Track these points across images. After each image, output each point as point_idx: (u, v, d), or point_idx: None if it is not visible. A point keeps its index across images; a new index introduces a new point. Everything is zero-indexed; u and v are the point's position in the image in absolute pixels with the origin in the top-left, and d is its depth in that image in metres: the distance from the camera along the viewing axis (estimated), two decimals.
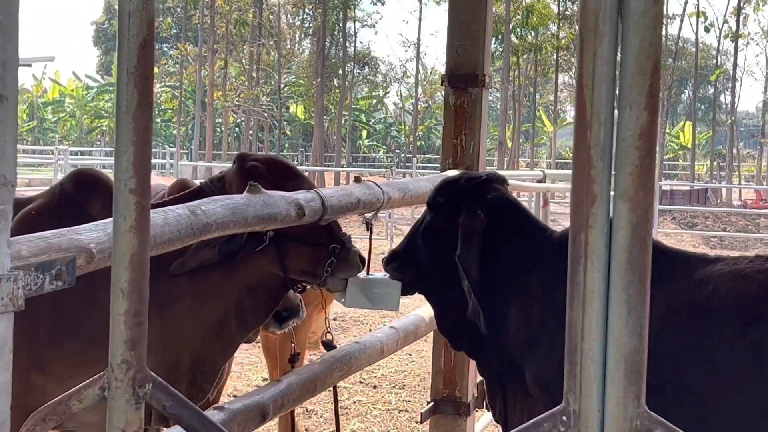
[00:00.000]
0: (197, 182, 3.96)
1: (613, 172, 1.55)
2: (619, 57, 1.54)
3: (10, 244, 1.62)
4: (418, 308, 4.99)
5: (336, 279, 3.56)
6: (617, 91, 1.54)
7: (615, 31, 1.54)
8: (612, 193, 1.55)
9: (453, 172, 4.75)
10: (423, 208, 3.77)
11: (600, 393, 1.54)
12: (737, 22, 42.74)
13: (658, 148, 1.61)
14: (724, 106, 54.80)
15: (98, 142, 59.38)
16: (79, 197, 3.51)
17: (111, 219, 2.08)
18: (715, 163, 48.03)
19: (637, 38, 1.50)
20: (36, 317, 3.20)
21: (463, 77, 4.98)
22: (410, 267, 3.67)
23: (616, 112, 1.55)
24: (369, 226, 3.91)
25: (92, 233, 1.99)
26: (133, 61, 1.63)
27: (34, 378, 3.30)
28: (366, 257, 3.69)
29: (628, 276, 1.52)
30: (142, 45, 1.63)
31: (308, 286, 3.67)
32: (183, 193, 3.72)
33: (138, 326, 1.68)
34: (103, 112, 63.18)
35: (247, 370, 8.53)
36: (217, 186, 3.65)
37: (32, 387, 3.29)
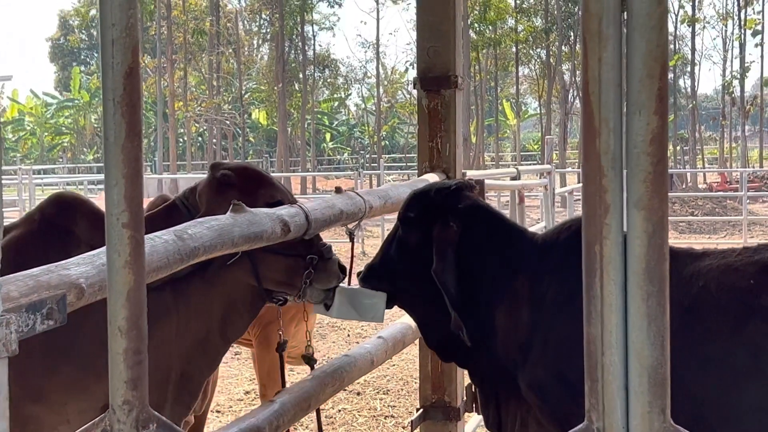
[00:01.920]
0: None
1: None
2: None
3: (0, 286, 1.55)
4: (404, 316, 4.94)
5: (315, 290, 3.50)
6: (624, 96, 1.50)
7: (619, 34, 1.49)
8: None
9: (432, 176, 4.71)
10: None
11: (624, 409, 1.50)
12: (693, 6, 43.04)
13: None
14: (683, 91, 55.10)
15: (60, 159, 58.90)
16: (63, 220, 3.45)
17: (99, 251, 2.02)
18: (678, 148, 48.32)
19: (644, 40, 1.46)
20: (28, 344, 3.13)
21: (436, 79, 4.93)
22: (386, 282, 3.61)
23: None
24: (351, 237, 3.86)
25: (81, 267, 1.92)
26: (119, 89, 1.56)
27: (28, 409, 3.23)
28: (347, 266, 3.64)
29: (646, 287, 1.47)
30: (127, 73, 1.56)
31: (289, 299, 3.62)
32: (157, 210, 3.65)
33: (138, 365, 1.61)
34: (63, 128, 62.69)
35: (228, 383, 8.44)
36: (189, 198, 3.59)
37: (27, 419, 3.24)
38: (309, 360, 3.82)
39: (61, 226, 3.42)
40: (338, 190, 3.75)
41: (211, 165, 3.70)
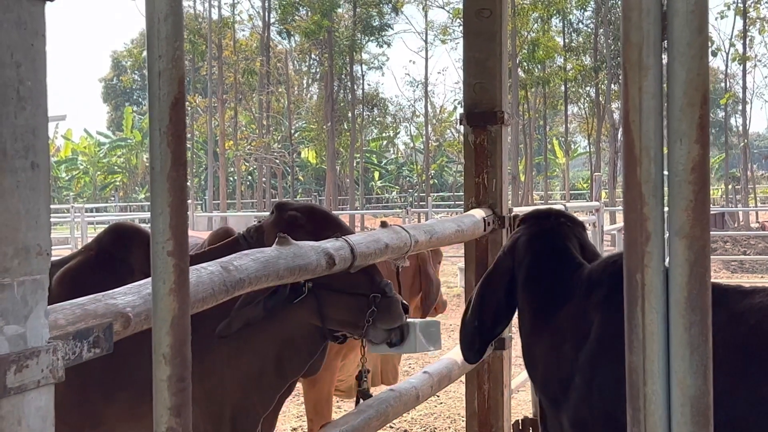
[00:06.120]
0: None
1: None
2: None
3: (47, 314, 1.57)
4: (450, 352, 4.92)
5: (378, 330, 3.46)
6: (665, 125, 1.49)
7: (660, 63, 1.49)
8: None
9: (478, 211, 4.72)
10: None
11: None
12: (744, 44, 42.69)
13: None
14: (735, 129, 54.64)
15: (112, 198, 59.61)
16: (118, 249, 3.51)
17: (145, 281, 2.05)
18: (729, 187, 47.84)
19: (684, 69, 1.46)
20: (87, 371, 3.20)
21: (482, 115, 4.95)
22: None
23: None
24: (398, 271, 3.86)
25: (128, 297, 1.95)
26: (165, 120, 1.59)
27: None
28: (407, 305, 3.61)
29: (689, 316, 1.46)
30: (173, 103, 1.59)
31: (348, 337, 3.59)
32: (218, 245, 3.68)
33: (182, 392, 1.62)
34: (115, 167, 63.48)
35: None
36: (254, 236, 3.60)
37: None
38: (364, 394, 3.77)
39: (117, 254, 3.49)
40: (384, 224, 3.76)
41: (276, 205, 3.70)
